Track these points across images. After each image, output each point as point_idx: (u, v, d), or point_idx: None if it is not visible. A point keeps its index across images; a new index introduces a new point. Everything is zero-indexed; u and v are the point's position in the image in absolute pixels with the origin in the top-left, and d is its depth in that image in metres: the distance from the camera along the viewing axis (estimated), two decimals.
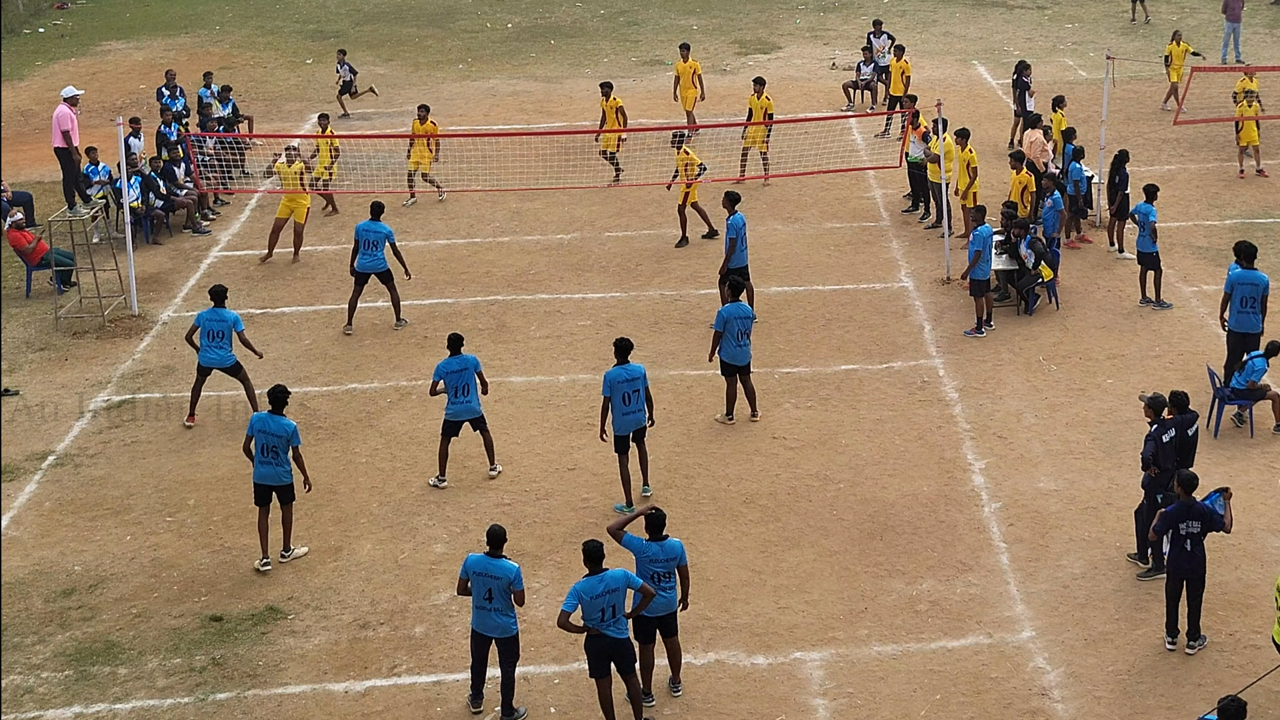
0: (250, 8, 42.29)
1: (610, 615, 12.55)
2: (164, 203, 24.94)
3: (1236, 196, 25.52)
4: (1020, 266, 21.09)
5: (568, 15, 40.79)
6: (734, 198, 20.60)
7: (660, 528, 13.10)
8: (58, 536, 16.30)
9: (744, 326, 17.82)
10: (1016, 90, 27.77)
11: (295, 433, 15.32)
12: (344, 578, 15.38)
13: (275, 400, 15.36)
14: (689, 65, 28.76)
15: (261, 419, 15.32)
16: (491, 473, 17.15)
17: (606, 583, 12.51)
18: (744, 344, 17.86)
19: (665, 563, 13.00)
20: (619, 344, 16.33)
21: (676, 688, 13.45)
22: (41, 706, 13.56)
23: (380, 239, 20.80)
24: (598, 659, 12.72)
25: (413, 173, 26.06)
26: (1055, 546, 15.61)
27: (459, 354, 16.77)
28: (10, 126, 30.71)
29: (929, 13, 39.79)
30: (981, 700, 13.34)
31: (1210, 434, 17.52)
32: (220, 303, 18.37)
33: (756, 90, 26.74)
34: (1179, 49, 29.94)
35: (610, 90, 27.05)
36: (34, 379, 20.02)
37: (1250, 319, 18.07)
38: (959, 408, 18.52)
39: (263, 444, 15.24)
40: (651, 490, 16.72)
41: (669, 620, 13.20)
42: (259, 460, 15.30)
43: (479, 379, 16.83)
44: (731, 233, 20.27)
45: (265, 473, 15.30)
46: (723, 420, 18.24)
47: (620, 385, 16.10)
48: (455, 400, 16.75)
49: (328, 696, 13.62)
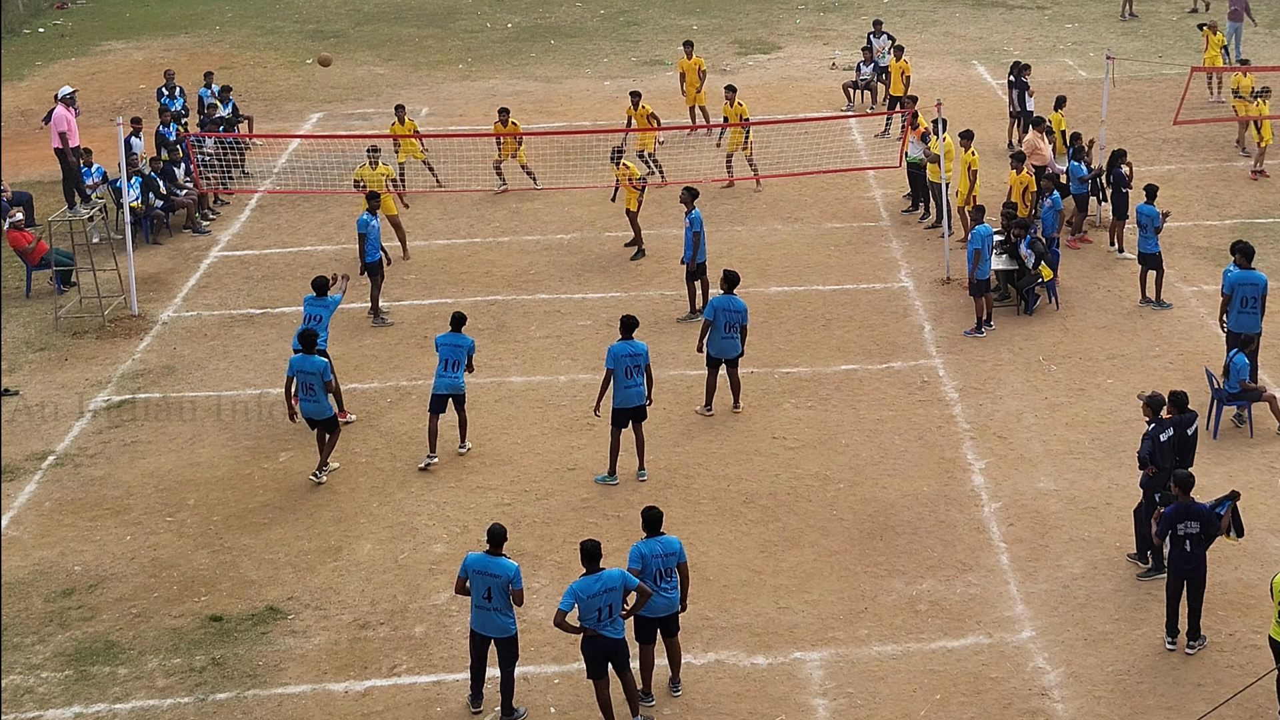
0: (250, 8, 42.29)
1: (607, 615, 12.53)
2: (164, 203, 24.94)
3: (1236, 196, 25.52)
4: (1020, 266, 21.09)
5: (568, 15, 40.79)
6: (692, 193, 20.87)
7: (657, 525, 13.10)
8: (58, 536, 16.30)
9: (731, 319, 17.94)
10: (1014, 91, 27.77)
11: (328, 368, 16.85)
12: (344, 578, 15.39)
13: (305, 341, 16.85)
14: (694, 62, 28.80)
15: (299, 359, 16.81)
16: (460, 449, 17.53)
17: (604, 582, 12.50)
18: (731, 336, 18.01)
19: (664, 558, 12.98)
20: (625, 320, 16.83)
21: (676, 688, 13.45)
22: (41, 706, 13.56)
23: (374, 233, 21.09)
24: (594, 660, 12.71)
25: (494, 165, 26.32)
26: (1055, 546, 15.61)
27: (458, 331, 17.34)
28: (10, 126, 30.71)
29: (929, 13, 39.79)
30: (981, 700, 13.34)
31: (1210, 434, 17.52)
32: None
33: (728, 98, 26.68)
34: (1215, 38, 30.45)
35: (639, 99, 26.96)
36: (34, 379, 20.02)
37: (1250, 319, 18.06)
38: (959, 408, 18.52)
39: (301, 383, 16.70)
40: (647, 474, 16.86)
41: (670, 621, 13.20)
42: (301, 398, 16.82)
43: (469, 359, 17.36)
44: (696, 226, 20.53)
45: (309, 409, 16.84)
46: (702, 412, 18.33)
47: (623, 359, 16.55)
48: (444, 374, 17.27)
49: (328, 696, 13.62)
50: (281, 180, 27.51)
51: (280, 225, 25.50)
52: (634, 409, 16.78)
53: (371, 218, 21.04)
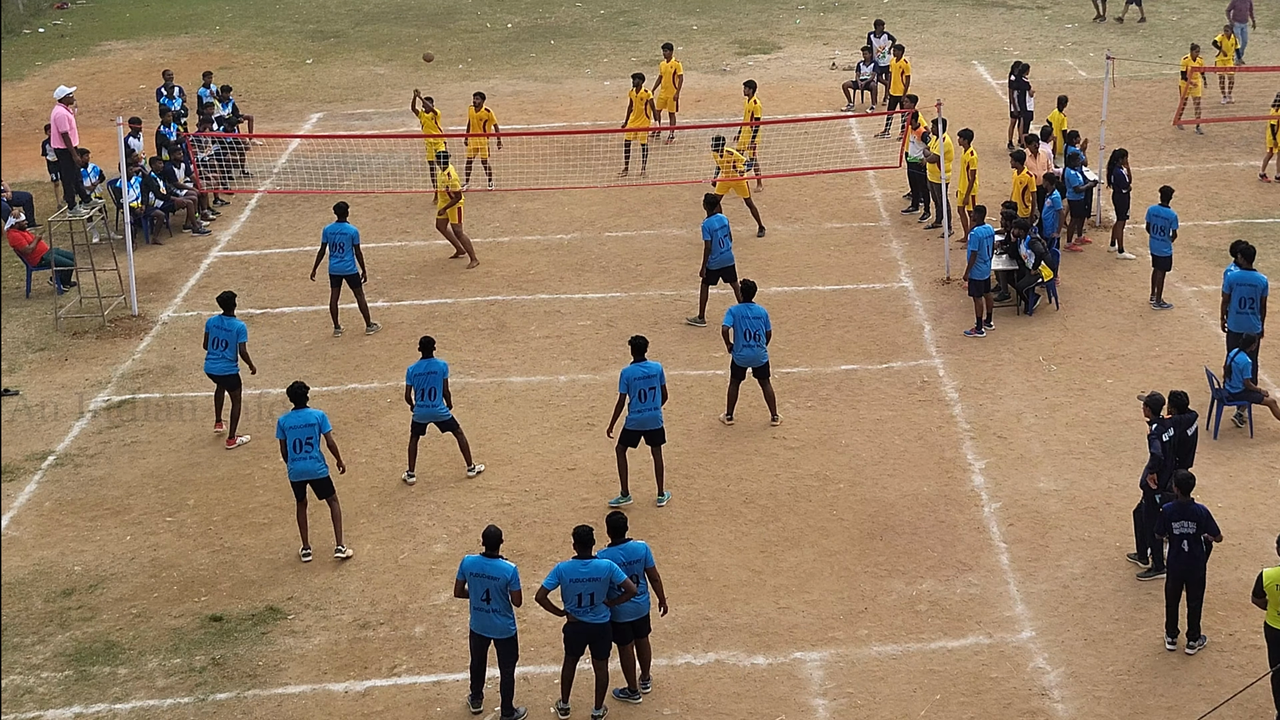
0: (250, 8, 42.29)
1: (588, 602, 12.64)
2: (164, 203, 24.94)
3: (1236, 196, 25.52)
4: (1020, 266, 21.09)
5: (568, 15, 40.79)
6: (712, 200, 20.72)
7: (620, 531, 13.00)
8: (58, 536, 16.30)
9: (751, 326, 17.71)
10: (1014, 91, 27.77)
11: (324, 419, 15.50)
12: (344, 578, 15.39)
13: (295, 396, 15.57)
14: (671, 65, 28.71)
15: (287, 415, 15.50)
16: (469, 473, 17.13)
17: (590, 570, 12.57)
18: (750, 344, 17.74)
19: (628, 566, 12.89)
20: (634, 341, 16.32)
21: (646, 684, 13.48)
22: (41, 706, 13.57)
23: (346, 240, 20.51)
24: (572, 641, 12.95)
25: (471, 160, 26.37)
26: (1055, 546, 15.61)
27: (429, 358, 16.75)
28: (10, 126, 30.71)
29: (929, 13, 39.79)
30: (981, 700, 13.34)
31: (1210, 435, 17.51)
32: (229, 311, 18.24)
33: (747, 93, 26.68)
34: (1229, 42, 30.51)
35: (642, 83, 27.34)
36: (34, 379, 20.02)
37: (1249, 320, 18.05)
38: (959, 408, 18.52)
39: (294, 439, 15.34)
40: (669, 498, 16.57)
41: (640, 624, 13.19)
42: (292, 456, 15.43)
43: (444, 386, 16.74)
44: (705, 235, 20.49)
45: (301, 468, 15.43)
46: (724, 421, 18.24)
47: (636, 383, 16.10)
48: (421, 403, 16.78)
49: (328, 696, 13.62)
50: (281, 180, 27.51)
51: (280, 225, 25.50)
52: (650, 432, 16.31)
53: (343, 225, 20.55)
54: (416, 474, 17.12)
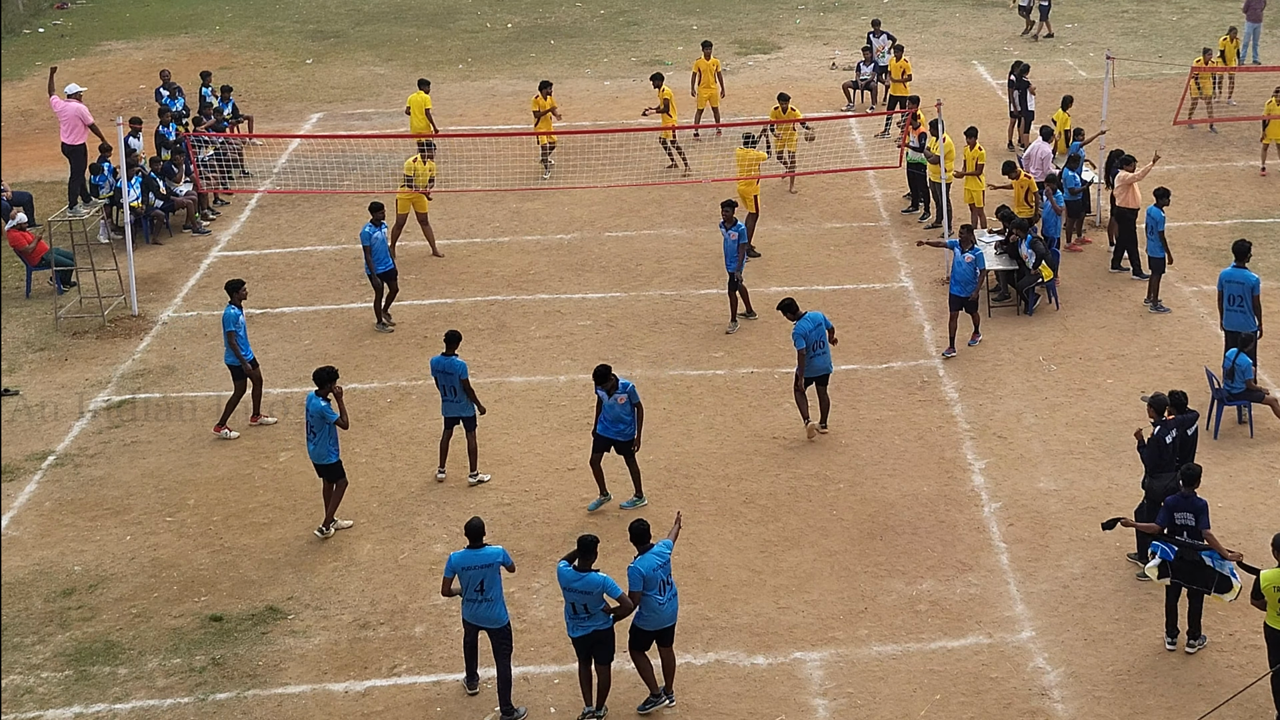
0: (250, 8, 42.30)
1: (583, 611, 12.66)
2: (164, 203, 24.94)
3: (1236, 196, 25.52)
4: (1020, 266, 21.09)
5: (568, 15, 40.80)
6: (728, 206, 20.62)
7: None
8: (58, 536, 16.30)
9: (818, 335, 17.48)
10: (1014, 91, 27.77)
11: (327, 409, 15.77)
12: (344, 578, 15.39)
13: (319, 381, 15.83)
14: (712, 62, 28.85)
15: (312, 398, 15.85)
16: (470, 479, 17.01)
17: (585, 583, 12.58)
18: (818, 353, 17.51)
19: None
20: (599, 371, 15.96)
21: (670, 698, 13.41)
22: (41, 706, 13.57)
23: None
24: (576, 647, 12.99)
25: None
26: (1055, 546, 15.61)
27: (449, 355, 16.68)
28: (10, 126, 30.71)
29: (929, 13, 39.79)
30: (981, 700, 13.34)
31: (1210, 435, 17.51)
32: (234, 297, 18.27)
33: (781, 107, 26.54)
34: (1232, 45, 30.51)
35: (662, 81, 27.67)
36: (34, 379, 20.02)
37: (1241, 317, 18.06)
38: (959, 408, 18.52)
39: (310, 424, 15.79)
40: (645, 501, 16.43)
41: (664, 633, 13.10)
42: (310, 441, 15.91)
43: (463, 385, 16.67)
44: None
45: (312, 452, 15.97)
46: (819, 430, 17.82)
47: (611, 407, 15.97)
48: (446, 400, 16.92)
49: (328, 696, 13.62)
50: (281, 180, 27.52)
51: (280, 225, 25.50)
52: (618, 443, 16.16)
53: (375, 229, 20.64)
54: (446, 472, 17.10)
